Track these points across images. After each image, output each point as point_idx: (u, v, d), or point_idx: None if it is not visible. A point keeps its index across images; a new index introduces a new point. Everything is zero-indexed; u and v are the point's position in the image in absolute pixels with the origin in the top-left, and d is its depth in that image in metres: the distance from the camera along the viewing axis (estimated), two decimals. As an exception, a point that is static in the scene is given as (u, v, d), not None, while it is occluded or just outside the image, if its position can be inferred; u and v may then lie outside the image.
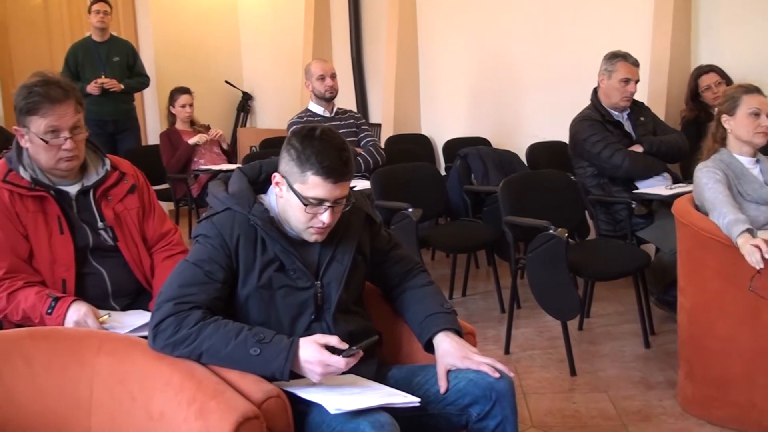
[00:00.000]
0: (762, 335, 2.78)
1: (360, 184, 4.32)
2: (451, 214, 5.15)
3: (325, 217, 1.90)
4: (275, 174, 1.95)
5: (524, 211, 3.71)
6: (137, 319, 2.29)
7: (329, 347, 1.78)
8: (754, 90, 3.14)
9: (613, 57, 4.16)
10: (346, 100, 6.82)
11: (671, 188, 3.87)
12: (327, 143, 1.86)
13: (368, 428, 1.67)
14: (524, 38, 5.84)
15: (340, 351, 1.77)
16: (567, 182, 4.11)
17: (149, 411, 1.76)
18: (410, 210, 4.06)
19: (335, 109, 4.89)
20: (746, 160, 3.13)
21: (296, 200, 1.88)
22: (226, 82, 8.43)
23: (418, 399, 1.83)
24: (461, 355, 1.95)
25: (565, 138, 4.34)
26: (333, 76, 4.82)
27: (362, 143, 4.82)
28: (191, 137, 6.00)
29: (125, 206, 2.48)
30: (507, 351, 3.76)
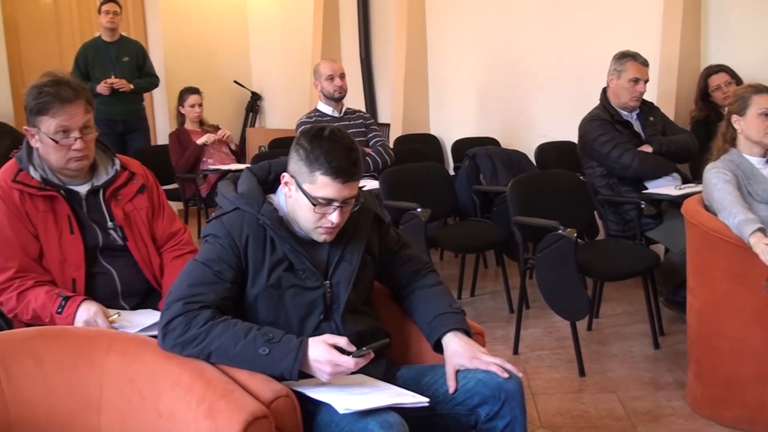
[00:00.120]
0: (772, 336, 2.77)
1: (369, 184, 4.33)
2: (460, 214, 5.14)
3: (334, 217, 1.90)
4: (284, 174, 1.95)
5: (533, 211, 3.71)
6: (147, 319, 2.29)
7: (338, 348, 1.78)
8: (765, 90, 3.12)
9: (623, 57, 4.15)
10: (355, 100, 6.82)
11: (681, 188, 3.86)
12: (336, 143, 1.86)
13: (377, 428, 1.67)
14: (533, 38, 5.83)
15: (350, 352, 1.77)
16: (576, 182, 4.10)
17: (158, 410, 1.76)
18: (419, 210, 4.06)
19: (344, 109, 4.90)
20: (756, 161, 3.11)
21: (305, 200, 1.88)
22: (235, 82, 8.44)
23: (427, 399, 1.83)
24: (470, 356, 1.94)
25: (574, 138, 4.33)
26: (342, 76, 4.82)
27: (371, 143, 4.82)
28: (200, 137, 6.02)
29: (135, 206, 2.49)
30: (516, 351, 3.75)
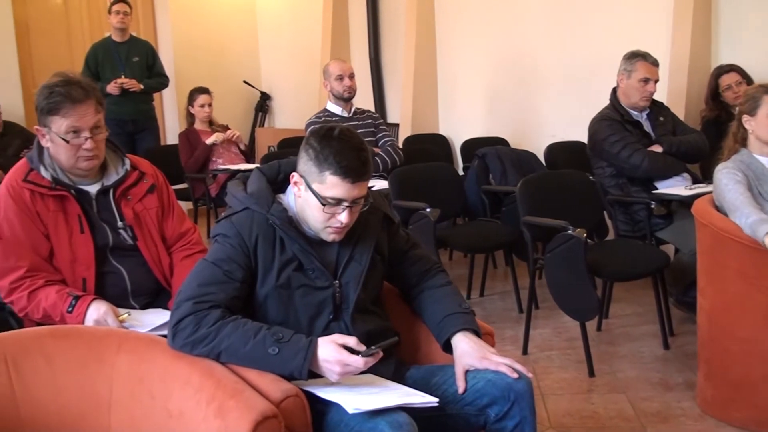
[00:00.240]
0: (783, 337, 2.76)
1: (378, 184, 4.33)
2: (469, 214, 5.14)
3: (343, 217, 1.90)
4: (294, 174, 1.95)
5: (542, 211, 3.70)
6: (157, 318, 2.30)
7: (347, 347, 1.78)
8: (776, 90, 3.11)
9: (633, 56, 4.14)
10: (364, 100, 6.82)
11: (691, 188, 3.85)
12: (345, 143, 1.87)
13: (386, 428, 1.67)
14: (543, 38, 5.82)
15: (359, 352, 1.77)
16: (586, 182, 4.09)
17: (168, 409, 1.76)
18: (428, 210, 4.06)
19: (353, 109, 4.90)
20: (767, 161, 3.09)
21: (314, 200, 1.88)
22: (245, 82, 8.46)
23: (437, 399, 1.83)
24: (479, 356, 1.94)
25: (584, 138, 4.32)
26: (351, 76, 4.83)
27: (380, 143, 4.82)
28: (210, 137, 6.02)
29: (145, 206, 2.50)
30: (525, 351, 3.75)
